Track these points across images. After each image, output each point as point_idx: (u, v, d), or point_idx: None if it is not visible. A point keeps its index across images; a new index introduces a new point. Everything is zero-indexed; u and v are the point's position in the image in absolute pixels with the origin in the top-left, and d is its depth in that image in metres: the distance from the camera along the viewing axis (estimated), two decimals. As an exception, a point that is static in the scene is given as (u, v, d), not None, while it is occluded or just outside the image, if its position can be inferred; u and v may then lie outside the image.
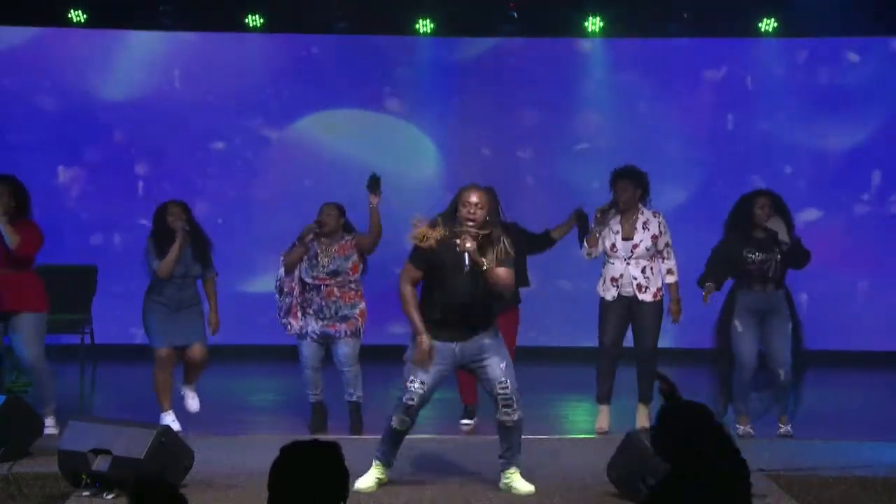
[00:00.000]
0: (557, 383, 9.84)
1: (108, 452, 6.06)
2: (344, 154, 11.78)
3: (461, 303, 6.31)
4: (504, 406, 6.33)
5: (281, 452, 3.69)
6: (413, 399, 6.32)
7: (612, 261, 7.92)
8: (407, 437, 6.49)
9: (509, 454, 6.41)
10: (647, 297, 7.89)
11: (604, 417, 8.03)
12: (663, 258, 7.97)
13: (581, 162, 11.77)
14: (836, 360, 10.47)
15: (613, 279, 7.90)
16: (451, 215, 6.40)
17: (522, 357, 8.01)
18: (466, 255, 6.20)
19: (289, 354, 9.62)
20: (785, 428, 7.83)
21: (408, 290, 6.38)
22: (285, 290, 7.91)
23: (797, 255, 7.82)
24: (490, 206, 7.96)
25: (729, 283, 7.93)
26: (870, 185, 11.68)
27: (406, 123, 11.88)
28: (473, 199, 6.36)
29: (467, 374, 8.03)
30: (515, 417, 6.34)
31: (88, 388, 9.82)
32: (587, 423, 8.41)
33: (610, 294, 7.91)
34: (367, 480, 6.39)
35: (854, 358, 11.09)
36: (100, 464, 6.06)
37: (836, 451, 7.04)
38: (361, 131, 11.80)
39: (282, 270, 7.94)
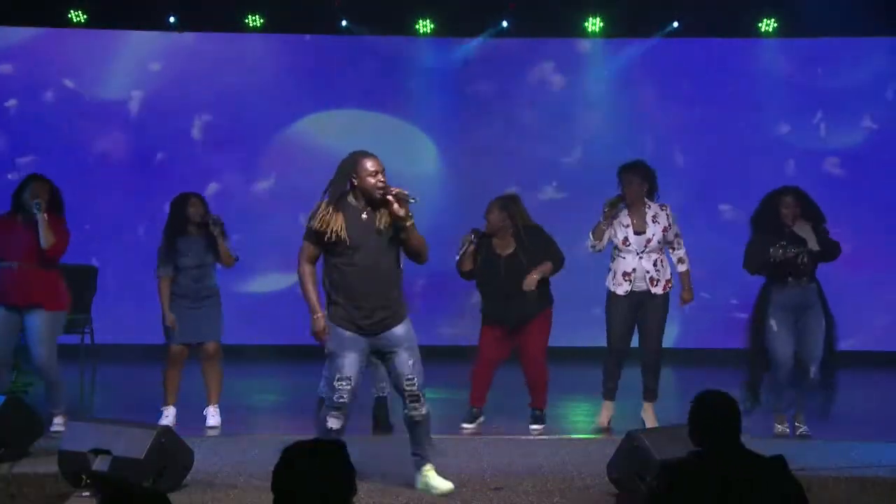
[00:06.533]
0: (557, 383, 9.81)
1: (108, 452, 6.06)
2: (344, 154, 11.76)
3: (366, 282, 6.12)
4: (411, 401, 6.20)
5: (284, 453, 3.60)
6: (343, 397, 6.11)
7: (623, 255, 7.84)
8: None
9: (421, 450, 6.29)
10: (658, 290, 7.85)
11: (606, 414, 7.99)
12: (673, 248, 7.95)
13: (581, 162, 11.77)
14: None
15: (626, 273, 7.82)
16: (343, 190, 6.30)
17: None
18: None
19: (288, 355, 9.62)
20: (803, 428, 7.71)
21: (305, 269, 6.23)
22: None
23: (828, 249, 7.74)
24: (518, 214, 7.95)
25: (760, 280, 7.80)
26: (870, 184, 11.68)
27: (406, 123, 11.88)
28: (373, 166, 6.28)
29: (481, 375, 8.01)
30: (423, 412, 6.23)
31: (88, 388, 9.82)
32: (587, 423, 8.40)
33: (622, 289, 7.83)
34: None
35: (855, 358, 11.06)
36: (100, 464, 6.05)
37: (836, 451, 7.02)
38: (362, 131, 11.75)
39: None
